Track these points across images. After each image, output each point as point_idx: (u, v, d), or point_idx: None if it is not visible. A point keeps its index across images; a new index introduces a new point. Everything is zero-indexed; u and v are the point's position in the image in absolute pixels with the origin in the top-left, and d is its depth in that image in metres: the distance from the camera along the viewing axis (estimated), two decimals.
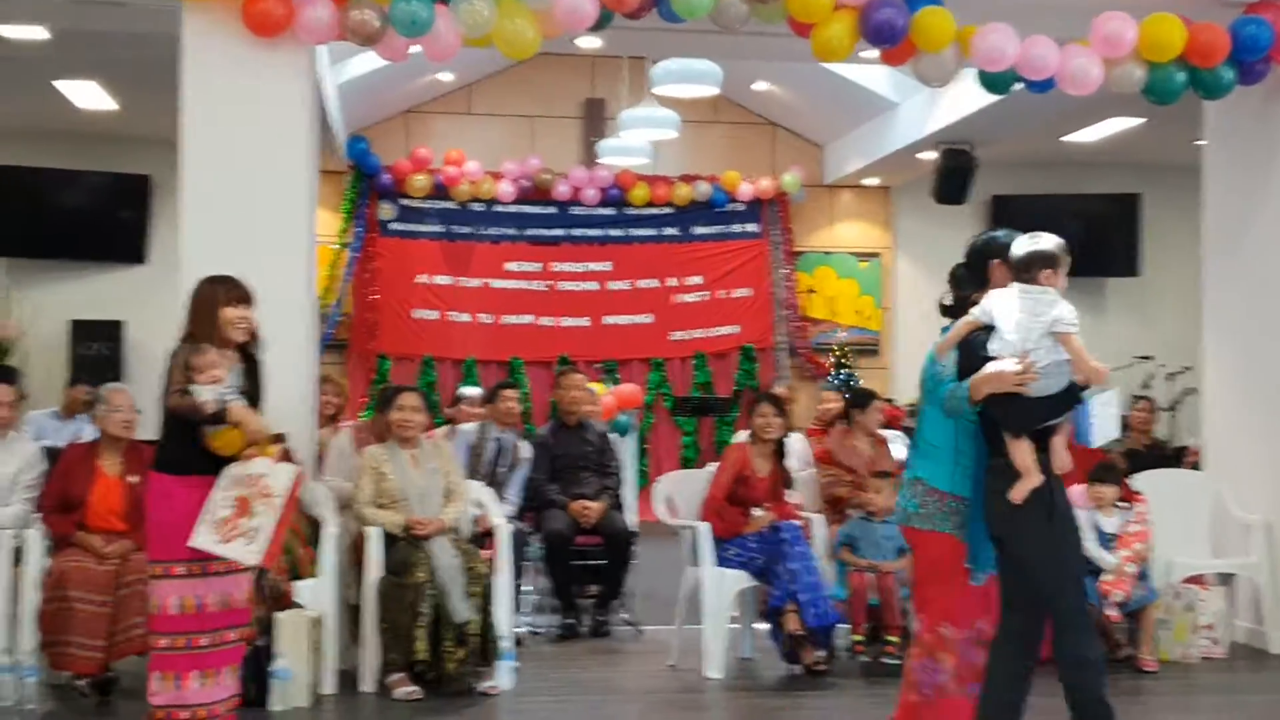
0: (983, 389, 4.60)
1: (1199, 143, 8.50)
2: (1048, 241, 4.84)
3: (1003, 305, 4.72)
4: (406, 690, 6.29)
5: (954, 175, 13.11)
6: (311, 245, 7.31)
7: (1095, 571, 7.13)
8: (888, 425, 11.43)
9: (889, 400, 13.64)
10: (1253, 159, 7.97)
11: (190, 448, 5.13)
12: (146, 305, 12.63)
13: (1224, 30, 7.31)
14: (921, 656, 4.86)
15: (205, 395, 5.05)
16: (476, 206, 14.13)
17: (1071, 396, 4.64)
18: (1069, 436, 4.80)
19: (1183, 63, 7.37)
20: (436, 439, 7.35)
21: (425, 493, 6.70)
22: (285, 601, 6.32)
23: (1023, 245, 4.83)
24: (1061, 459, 4.67)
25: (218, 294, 5.26)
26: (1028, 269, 4.77)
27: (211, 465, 5.14)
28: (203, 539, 5.09)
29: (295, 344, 6.79)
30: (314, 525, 6.66)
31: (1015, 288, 4.74)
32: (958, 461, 4.82)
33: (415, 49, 7.01)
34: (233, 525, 5.10)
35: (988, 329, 4.73)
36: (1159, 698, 6.57)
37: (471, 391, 9.62)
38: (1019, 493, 4.56)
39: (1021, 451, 4.59)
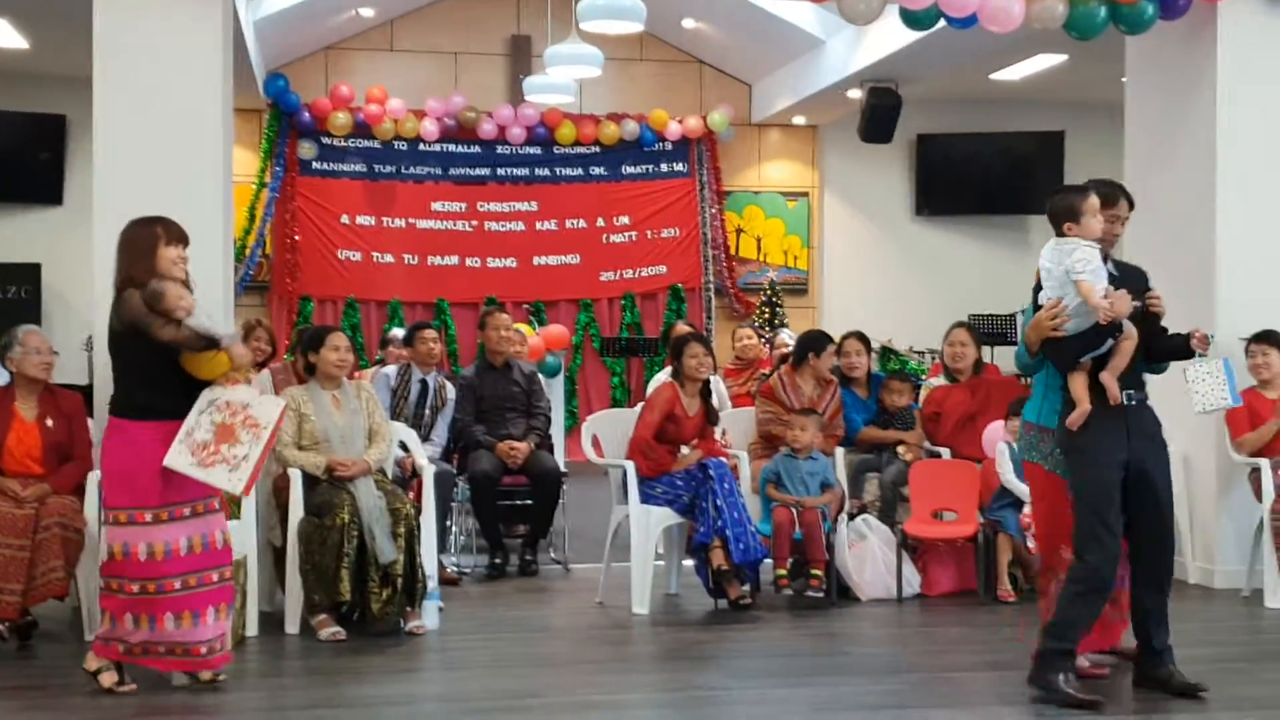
0: (1030, 336, 5.25)
1: (1124, 80, 8.55)
2: (1066, 195, 5.32)
3: (1044, 259, 5.27)
4: (331, 631, 6.26)
5: (880, 114, 13.13)
6: (227, 184, 7.20)
7: (1017, 504, 7.22)
8: None
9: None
10: (1174, 94, 8.02)
11: (152, 390, 5.13)
12: (63, 247, 12.42)
13: None
14: (1050, 580, 5.39)
15: (201, 322, 5.04)
16: (400, 145, 13.97)
17: (1100, 334, 5.12)
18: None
19: None
20: (360, 380, 7.29)
21: (347, 434, 6.65)
22: None
23: (1049, 201, 5.35)
24: (1111, 392, 5.14)
25: (157, 234, 5.21)
26: (1056, 223, 5.28)
27: (175, 408, 5.11)
28: (179, 459, 5.05)
29: (211, 285, 6.68)
30: None
31: (1052, 241, 5.28)
32: (1045, 396, 5.38)
33: None
34: (214, 450, 5.06)
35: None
36: None
37: (398, 333, 9.55)
38: (1072, 420, 5.14)
39: (1075, 384, 5.17)
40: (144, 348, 5.16)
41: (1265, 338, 7.31)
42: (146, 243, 5.20)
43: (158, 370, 5.14)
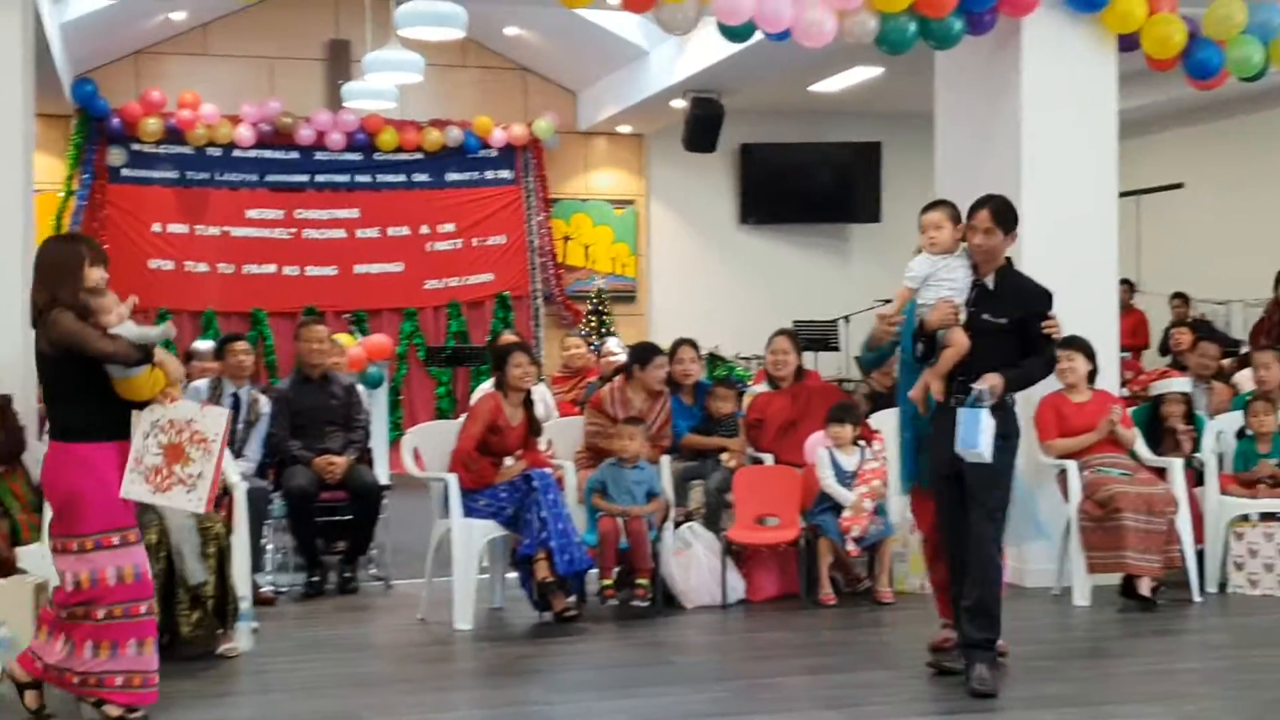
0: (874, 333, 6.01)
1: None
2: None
3: None
4: None
5: (703, 123, 13.26)
6: (27, 192, 6.91)
7: (837, 508, 7.33)
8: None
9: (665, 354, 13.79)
10: (981, 107, 8.24)
11: (93, 411, 4.99)
12: None
13: None
14: None
15: (133, 334, 4.89)
16: (213, 151, 13.64)
17: (915, 339, 5.58)
18: None
19: (913, 13, 7.56)
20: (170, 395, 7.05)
21: None
22: (7, 568, 6.01)
23: None
24: (933, 390, 5.57)
25: (82, 253, 5.05)
26: None
27: (114, 427, 5.02)
28: (135, 490, 4.96)
29: (10, 298, 6.42)
30: (36, 490, 6.32)
31: None
32: None
33: None
34: (167, 474, 4.98)
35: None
36: (896, 628, 6.80)
37: (204, 346, 9.24)
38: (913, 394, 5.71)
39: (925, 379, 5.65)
40: (78, 368, 4.97)
41: (1071, 343, 7.53)
42: (72, 262, 5.02)
43: (93, 390, 4.98)
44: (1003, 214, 5.59)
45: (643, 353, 8.08)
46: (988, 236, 5.56)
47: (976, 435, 5.35)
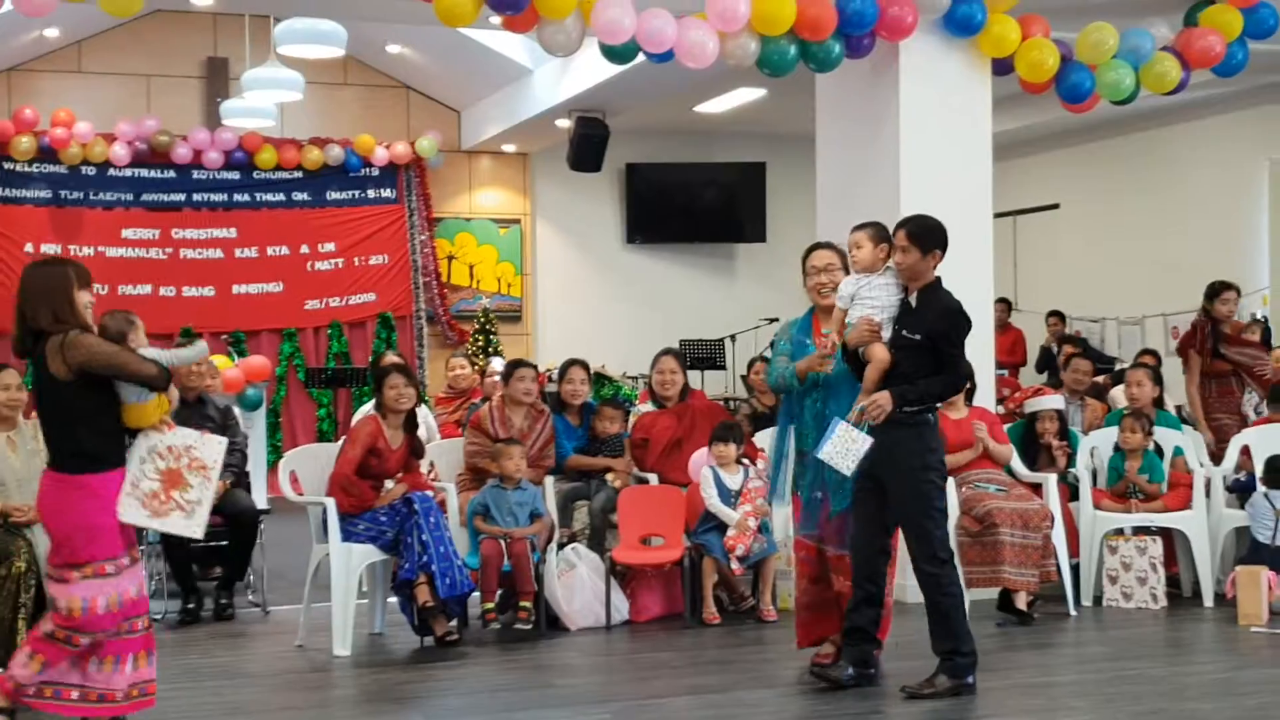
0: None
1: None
2: None
3: None
4: None
5: (588, 143, 13.26)
6: None
7: (721, 527, 7.34)
8: None
9: (532, 366, 13.73)
10: (860, 129, 8.34)
11: (104, 438, 4.96)
12: None
13: (832, 5, 7.59)
14: None
15: (164, 356, 4.99)
16: (88, 170, 13.35)
17: (844, 354, 5.77)
18: None
19: (794, 36, 7.63)
20: (37, 419, 6.88)
21: (24, 477, 6.28)
22: None
23: None
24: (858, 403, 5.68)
25: (70, 276, 5.01)
26: None
27: (120, 455, 4.99)
28: (132, 514, 4.95)
29: None
30: None
31: None
32: None
33: (7, 6, 6.52)
34: (164, 500, 4.99)
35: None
36: (779, 646, 6.80)
37: None
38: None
39: None
40: (90, 393, 4.92)
41: None
42: (63, 284, 4.98)
43: (107, 416, 4.95)
44: (919, 234, 5.69)
45: (507, 367, 8.07)
46: (905, 255, 5.68)
47: (824, 445, 5.59)
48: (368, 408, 7.74)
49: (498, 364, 11.08)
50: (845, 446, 5.58)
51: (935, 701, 5.61)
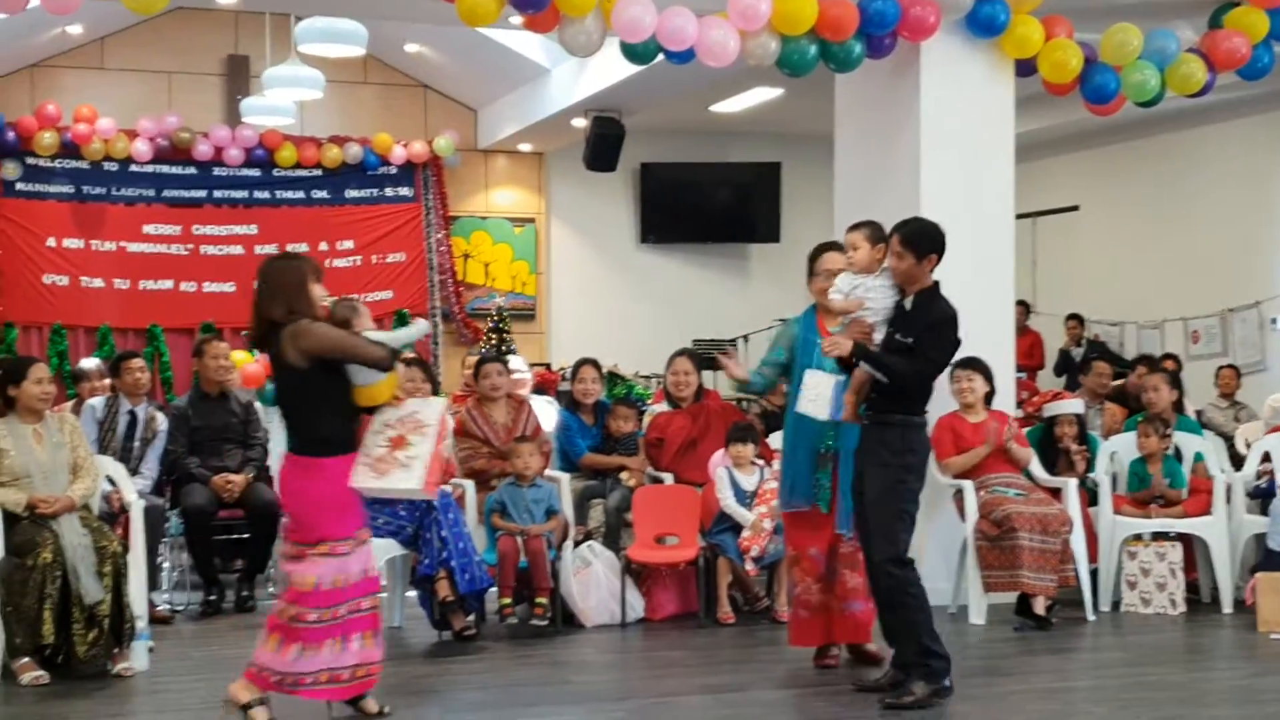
0: None
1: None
2: None
3: None
4: (33, 675, 5.98)
5: (603, 142, 13.28)
6: None
7: (736, 528, 7.36)
8: (539, 389, 11.55)
9: (545, 365, 13.78)
10: (880, 130, 8.35)
11: (338, 420, 5.22)
12: None
13: (854, 5, 7.61)
14: None
15: (386, 337, 5.25)
16: (110, 166, 13.38)
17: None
18: None
19: (814, 36, 7.65)
20: (63, 412, 6.93)
21: (50, 470, 6.34)
22: None
23: None
24: (848, 405, 5.74)
25: (305, 271, 5.26)
26: None
27: (353, 440, 5.27)
28: (361, 479, 5.20)
29: None
30: None
31: None
32: None
33: (34, 2, 6.55)
34: (389, 460, 5.20)
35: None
36: (794, 648, 6.81)
37: (90, 364, 8.98)
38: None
39: None
40: (324, 379, 5.18)
41: (970, 364, 7.64)
42: (300, 279, 5.23)
43: (340, 400, 5.21)
44: (913, 239, 5.62)
45: (475, 366, 8.16)
46: (898, 260, 5.63)
47: (799, 399, 5.84)
48: None
49: (515, 362, 11.08)
50: (815, 393, 5.75)
51: (956, 704, 5.60)
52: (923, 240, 5.64)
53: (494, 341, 13.96)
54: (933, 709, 5.48)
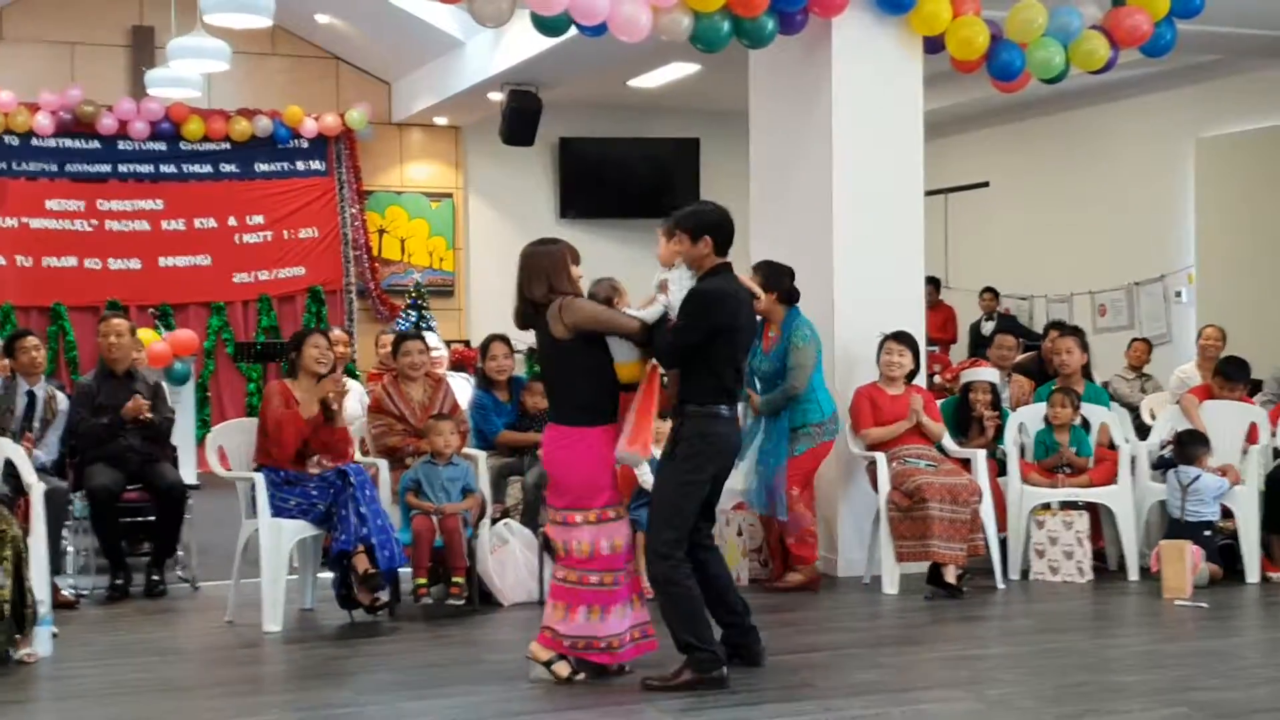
0: None
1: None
2: None
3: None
4: None
5: (520, 116, 13.20)
6: None
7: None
8: (457, 366, 11.48)
9: (464, 342, 13.69)
10: (793, 106, 8.36)
11: (597, 391, 5.52)
12: None
13: None
14: None
15: (639, 314, 5.49)
16: (10, 140, 13.15)
17: None
18: None
19: (727, 12, 7.63)
20: None
21: None
22: None
23: None
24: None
25: (564, 254, 5.67)
26: None
27: (614, 408, 5.55)
28: (622, 452, 5.49)
29: None
30: None
31: None
32: None
33: None
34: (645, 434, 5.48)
35: None
36: None
37: None
38: None
39: None
40: (587, 353, 5.50)
41: (901, 338, 7.68)
42: (560, 261, 5.63)
43: (602, 372, 5.52)
44: (684, 221, 5.58)
45: (393, 343, 8.06)
46: (678, 245, 5.59)
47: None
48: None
49: (431, 339, 10.99)
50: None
51: (869, 673, 5.64)
52: (693, 222, 5.58)
53: (411, 318, 13.85)
54: (697, 693, 5.36)
